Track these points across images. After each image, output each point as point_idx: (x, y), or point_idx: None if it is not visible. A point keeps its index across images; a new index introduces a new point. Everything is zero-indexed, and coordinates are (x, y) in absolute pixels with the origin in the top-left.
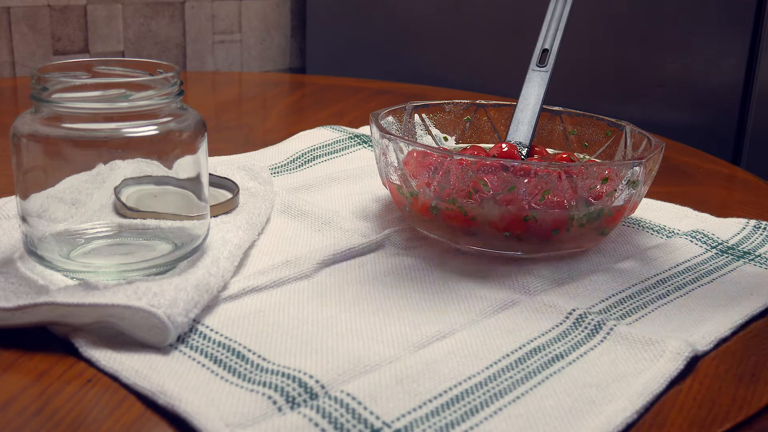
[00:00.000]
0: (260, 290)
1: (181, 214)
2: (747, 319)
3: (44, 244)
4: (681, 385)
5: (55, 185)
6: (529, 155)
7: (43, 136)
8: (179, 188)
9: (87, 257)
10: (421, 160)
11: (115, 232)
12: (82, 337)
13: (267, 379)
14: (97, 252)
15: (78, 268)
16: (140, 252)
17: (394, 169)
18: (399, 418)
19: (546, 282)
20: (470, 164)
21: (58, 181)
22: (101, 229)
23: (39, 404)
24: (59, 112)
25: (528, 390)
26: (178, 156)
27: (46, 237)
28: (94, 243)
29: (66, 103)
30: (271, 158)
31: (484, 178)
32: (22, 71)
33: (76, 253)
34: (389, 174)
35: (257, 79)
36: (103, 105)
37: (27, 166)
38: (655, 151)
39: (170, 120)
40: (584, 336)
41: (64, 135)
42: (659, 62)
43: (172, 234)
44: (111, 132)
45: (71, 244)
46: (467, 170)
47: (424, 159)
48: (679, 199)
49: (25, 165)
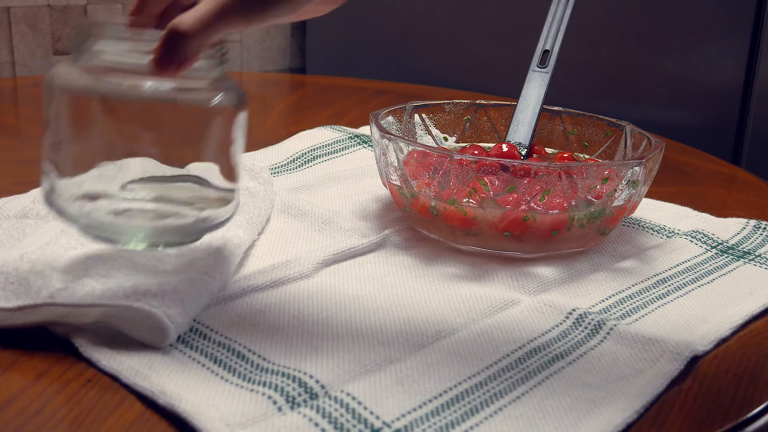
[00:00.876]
0: (260, 290)
1: (215, 184)
2: (747, 319)
3: (69, 201)
4: (681, 385)
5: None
6: (529, 156)
7: (83, 87)
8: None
9: (114, 218)
10: (421, 160)
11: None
12: (82, 337)
13: (267, 379)
14: (129, 215)
15: (101, 227)
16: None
17: (394, 169)
18: (399, 418)
19: (546, 282)
20: (470, 164)
21: (91, 137)
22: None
23: (39, 404)
24: (103, 64)
25: (528, 390)
26: (213, 125)
27: (72, 192)
28: (123, 204)
29: (110, 56)
30: (271, 158)
31: (484, 178)
32: (22, 71)
33: (105, 211)
34: (389, 174)
35: (257, 79)
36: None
37: (63, 116)
38: (655, 151)
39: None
40: (584, 336)
41: (109, 88)
42: (659, 62)
43: (202, 203)
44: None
45: (98, 204)
46: (467, 170)
47: (424, 159)
48: (679, 199)
49: (61, 114)
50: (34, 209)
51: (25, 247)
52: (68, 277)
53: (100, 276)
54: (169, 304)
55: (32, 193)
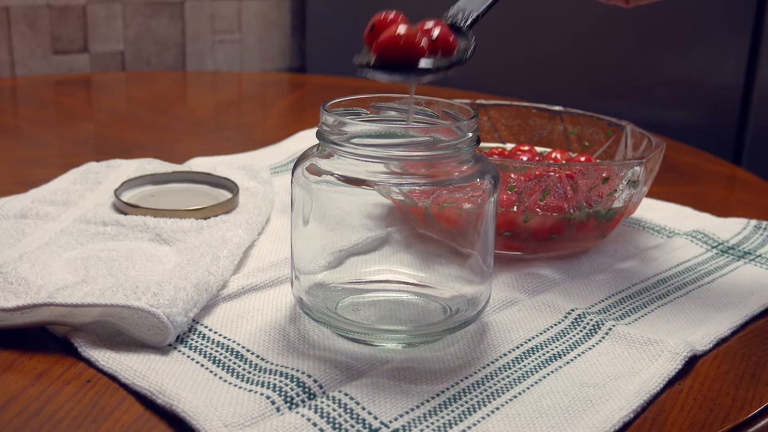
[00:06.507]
0: (259, 289)
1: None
2: (747, 319)
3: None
4: (681, 385)
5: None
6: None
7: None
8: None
9: (356, 313)
10: None
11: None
12: (81, 338)
13: (265, 379)
14: (369, 305)
15: (354, 328)
16: (410, 312)
17: None
18: (397, 418)
19: (545, 282)
20: None
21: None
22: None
23: (39, 404)
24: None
25: (525, 389)
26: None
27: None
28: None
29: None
30: (271, 158)
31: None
32: (22, 71)
33: (342, 305)
34: None
35: (257, 78)
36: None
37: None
38: (656, 151)
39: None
40: (582, 335)
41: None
42: (659, 62)
43: (449, 300)
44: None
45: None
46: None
47: None
48: (679, 199)
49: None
50: (33, 209)
51: (24, 247)
52: (68, 277)
53: (100, 276)
54: (169, 304)
55: (32, 193)
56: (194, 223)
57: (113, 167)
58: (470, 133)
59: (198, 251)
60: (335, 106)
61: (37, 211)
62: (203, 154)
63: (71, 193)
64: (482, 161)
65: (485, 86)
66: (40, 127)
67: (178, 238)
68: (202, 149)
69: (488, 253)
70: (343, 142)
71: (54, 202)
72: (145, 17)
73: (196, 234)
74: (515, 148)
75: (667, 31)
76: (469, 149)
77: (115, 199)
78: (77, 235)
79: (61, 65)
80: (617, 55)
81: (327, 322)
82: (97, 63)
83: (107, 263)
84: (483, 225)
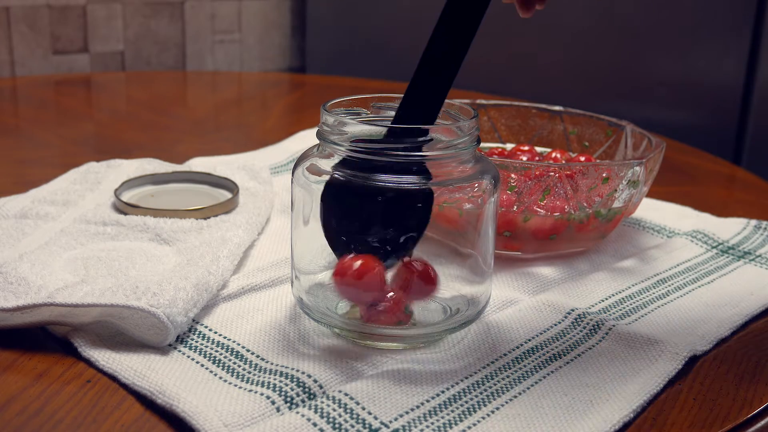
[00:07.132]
0: (259, 289)
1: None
2: (747, 319)
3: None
4: (681, 385)
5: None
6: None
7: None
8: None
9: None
10: None
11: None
12: (81, 338)
13: (265, 379)
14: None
15: (355, 328)
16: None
17: None
18: (397, 418)
19: (545, 282)
20: None
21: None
22: None
23: (39, 404)
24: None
25: (525, 389)
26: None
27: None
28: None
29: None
30: (271, 158)
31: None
32: (22, 71)
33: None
34: None
35: (257, 78)
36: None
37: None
38: (656, 151)
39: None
40: (582, 335)
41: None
42: (659, 62)
43: (449, 300)
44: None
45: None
46: None
47: None
48: (679, 199)
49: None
50: (33, 209)
51: (25, 247)
52: (68, 277)
53: (100, 276)
54: (169, 304)
55: (32, 192)
56: (194, 223)
57: (113, 167)
58: (470, 133)
59: (198, 251)
60: (335, 106)
61: (37, 211)
62: (203, 154)
63: (71, 193)
64: (482, 161)
65: (485, 86)
66: (40, 127)
67: (178, 238)
68: (202, 149)
69: (488, 253)
70: (344, 142)
71: (54, 202)
72: (145, 17)
73: (196, 234)
74: (515, 148)
75: (667, 31)
76: (469, 149)
77: (115, 199)
78: (77, 235)
79: (61, 65)
80: (617, 55)
81: (327, 322)
82: (97, 63)
83: (107, 263)
84: (483, 225)
